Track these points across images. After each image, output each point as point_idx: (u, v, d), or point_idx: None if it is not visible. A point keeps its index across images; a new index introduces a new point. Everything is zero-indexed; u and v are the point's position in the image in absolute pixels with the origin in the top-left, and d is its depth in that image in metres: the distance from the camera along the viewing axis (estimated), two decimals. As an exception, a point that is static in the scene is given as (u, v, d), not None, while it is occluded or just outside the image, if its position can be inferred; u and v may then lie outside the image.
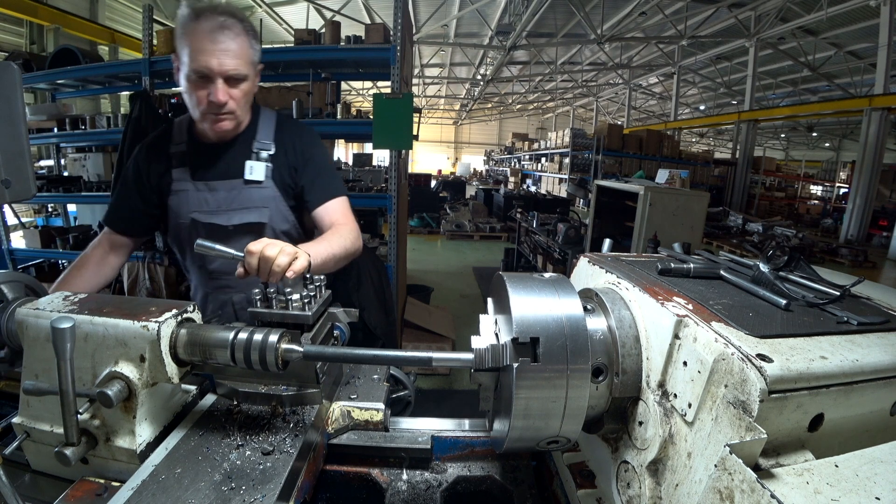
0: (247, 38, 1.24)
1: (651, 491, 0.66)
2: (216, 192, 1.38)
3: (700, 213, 3.97)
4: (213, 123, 1.29)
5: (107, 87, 5.05)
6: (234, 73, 1.22)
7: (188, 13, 1.19)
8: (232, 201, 1.38)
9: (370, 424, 1.01)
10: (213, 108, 1.24)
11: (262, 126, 1.42)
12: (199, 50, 1.17)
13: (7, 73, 0.82)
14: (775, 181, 20.13)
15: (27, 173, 0.86)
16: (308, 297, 0.90)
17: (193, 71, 1.19)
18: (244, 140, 1.40)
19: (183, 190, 1.38)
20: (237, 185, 1.38)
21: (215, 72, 1.19)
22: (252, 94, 1.34)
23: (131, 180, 1.42)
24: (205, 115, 1.27)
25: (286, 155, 1.42)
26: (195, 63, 1.18)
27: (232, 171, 1.38)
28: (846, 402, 0.56)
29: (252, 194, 1.39)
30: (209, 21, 1.17)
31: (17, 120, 0.84)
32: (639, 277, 0.80)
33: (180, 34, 1.20)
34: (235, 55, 1.20)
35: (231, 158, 1.39)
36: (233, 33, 1.20)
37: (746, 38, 12.73)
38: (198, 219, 1.37)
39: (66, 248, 4.24)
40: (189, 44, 1.17)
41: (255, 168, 1.37)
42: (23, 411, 0.83)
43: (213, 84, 1.20)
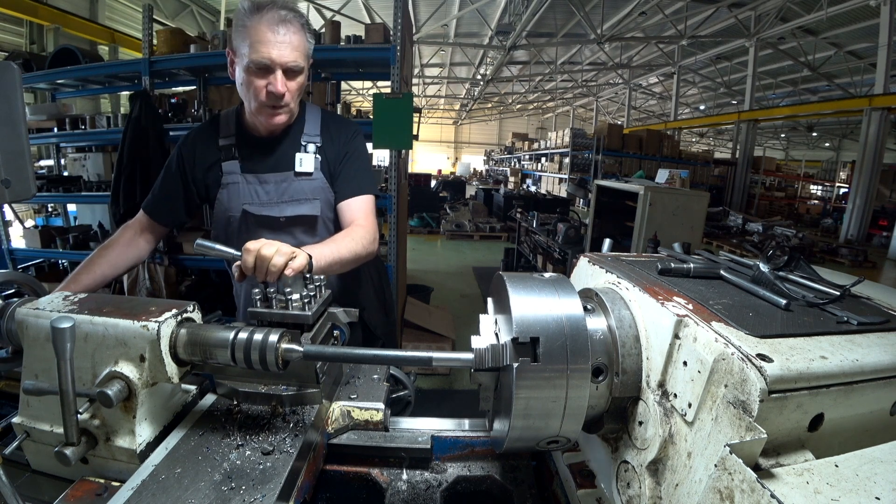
0: (304, 32, 1.27)
1: (651, 491, 0.66)
2: (267, 185, 1.40)
3: (700, 213, 3.97)
4: (269, 117, 1.31)
5: (107, 87, 5.04)
6: (292, 66, 1.24)
7: (249, 6, 1.21)
8: (283, 193, 1.40)
9: (370, 424, 1.01)
10: (271, 99, 1.26)
11: (308, 119, 1.45)
12: (261, 41, 1.19)
13: (7, 73, 0.82)
14: (775, 181, 20.13)
15: (27, 173, 0.86)
16: (308, 297, 0.90)
17: (254, 62, 1.21)
18: (293, 133, 1.42)
19: (233, 183, 1.40)
20: (288, 177, 1.40)
21: (276, 63, 1.21)
22: (304, 88, 1.36)
23: (175, 170, 1.44)
24: (262, 106, 1.28)
25: (332, 146, 1.44)
26: (257, 54, 1.20)
27: (282, 164, 1.40)
28: (846, 402, 0.56)
29: (303, 186, 1.41)
30: (271, 14, 1.20)
31: (17, 120, 0.84)
32: (639, 277, 0.80)
33: (240, 27, 1.22)
34: (295, 48, 1.23)
35: (281, 151, 1.41)
36: (293, 27, 1.23)
37: (746, 37, 12.72)
38: (249, 210, 1.39)
39: (66, 248, 4.24)
40: (250, 35, 1.20)
41: (304, 160, 1.40)
42: (23, 411, 0.83)
43: (273, 75, 1.23)
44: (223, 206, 1.42)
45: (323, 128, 1.45)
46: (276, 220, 1.40)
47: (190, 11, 12.20)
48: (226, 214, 1.42)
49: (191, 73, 4.26)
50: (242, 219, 1.40)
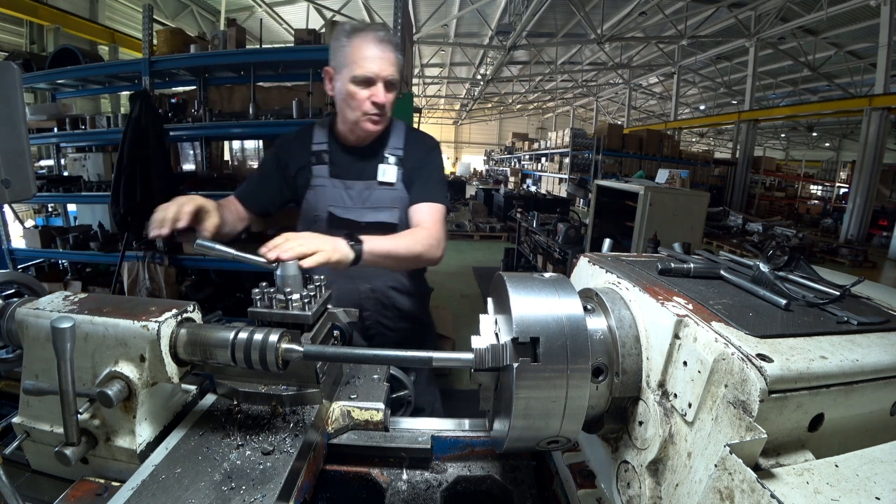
0: (396, 51, 1.41)
1: (651, 491, 0.66)
2: (351, 191, 1.51)
3: (700, 213, 3.97)
4: (371, 124, 1.43)
5: (107, 87, 5.04)
6: (391, 79, 1.39)
7: (349, 28, 1.38)
8: (365, 200, 1.51)
9: (370, 424, 1.01)
10: (373, 108, 1.39)
11: (394, 133, 1.56)
12: (365, 58, 1.34)
13: (7, 73, 0.82)
14: (775, 181, 20.12)
15: (27, 173, 0.86)
16: (308, 296, 0.90)
17: (358, 76, 1.36)
18: (378, 145, 1.54)
19: (321, 185, 1.52)
20: (372, 185, 1.52)
21: (379, 76, 1.36)
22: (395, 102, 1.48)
23: (272, 166, 1.57)
24: (364, 115, 1.41)
25: (411, 159, 1.55)
26: (361, 69, 1.35)
27: (366, 173, 1.52)
28: (846, 402, 0.56)
29: (385, 195, 1.52)
30: (371, 34, 1.36)
31: (17, 120, 0.84)
32: (639, 277, 0.80)
33: (341, 47, 1.37)
34: (392, 63, 1.39)
35: (366, 161, 1.53)
36: (391, 45, 1.38)
37: (746, 37, 12.72)
38: (334, 213, 1.51)
39: (66, 248, 4.24)
40: (353, 53, 1.35)
41: (387, 171, 1.52)
42: (23, 411, 0.83)
43: (375, 87, 1.37)
44: (310, 206, 1.54)
45: (406, 141, 1.56)
46: (358, 224, 1.50)
47: (190, 11, 12.20)
48: (312, 214, 1.54)
49: (191, 73, 4.26)
50: (327, 220, 1.51)
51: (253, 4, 11.58)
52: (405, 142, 1.56)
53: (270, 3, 11.77)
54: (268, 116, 3.87)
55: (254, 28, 5.67)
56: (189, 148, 5.01)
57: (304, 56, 3.74)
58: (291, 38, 4.24)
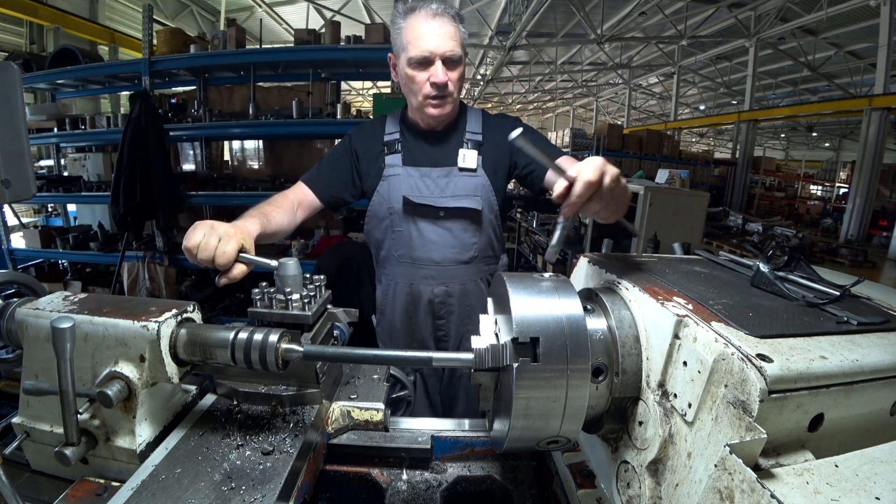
0: (457, 23, 1.31)
1: (651, 491, 0.66)
2: (428, 179, 1.42)
3: (700, 213, 3.97)
4: (434, 108, 1.34)
5: (107, 87, 5.05)
6: (450, 55, 1.28)
7: (402, 9, 1.30)
8: (444, 188, 1.42)
9: (370, 424, 1.01)
10: (434, 89, 1.30)
11: (471, 118, 1.48)
12: (418, 36, 1.26)
13: (7, 73, 0.82)
14: (775, 181, 20.11)
15: (27, 173, 0.86)
16: (308, 297, 0.90)
17: (414, 57, 1.27)
18: (454, 130, 1.46)
19: (394, 175, 1.43)
20: (452, 171, 1.43)
21: (435, 53, 1.26)
22: (464, 80, 1.39)
23: (342, 154, 1.49)
24: (426, 99, 1.32)
25: (493, 144, 1.46)
26: (416, 49, 1.26)
27: (444, 160, 1.43)
28: (846, 402, 0.56)
29: (466, 182, 1.43)
30: (424, 10, 1.27)
31: (17, 120, 0.84)
32: (639, 277, 0.80)
33: (396, 29, 1.30)
34: (451, 37, 1.27)
35: (444, 147, 1.45)
36: (446, 18, 1.28)
37: (746, 38, 12.71)
38: (410, 198, 1.41)
39: (66, 248, 4.24)
40: (406, 34, 1.28)
41: (467, 156, 1.42)
42: (23, 411, 0.83)
43: (433, 66, 1.28)
44: (382, 198, 1.45)
45: (485, 126, 1.47)
46: (436, 211, 1.42)
47: (190, 11, 12.19)
48: (385, 206, 1.45)
49: (191, 73, 4.26)
50: (402, 208, 1.42)
51: (253, 4, 11.57)
52: (484, 126, 1.47)
53: (270, 3, 11.77)
54: (268, 116, 3.87)
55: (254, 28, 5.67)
56: (189, 148, 5.02)
57: (304, 56, 3.74)
58: (291, 38, 4.24)
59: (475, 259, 1.49)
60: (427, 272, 1.47)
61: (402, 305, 1.52)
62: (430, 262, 1.46)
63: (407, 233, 1.45)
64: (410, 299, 1.51)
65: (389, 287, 1.55)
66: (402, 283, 1.51)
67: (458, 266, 1.48)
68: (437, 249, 1.44)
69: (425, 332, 1.55)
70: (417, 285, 1.49)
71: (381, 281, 1.59)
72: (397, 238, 1.47)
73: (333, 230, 4.47)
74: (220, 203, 4.46)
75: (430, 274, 1.47)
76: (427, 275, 1.48)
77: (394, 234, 1.46)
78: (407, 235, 1.45)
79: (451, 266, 1.47)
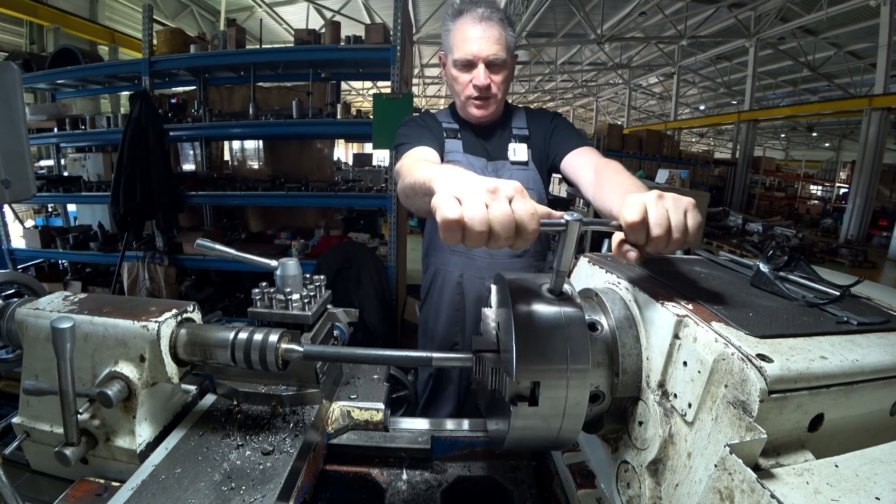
0: (504, 27, 1.33)
1: (651, 491, 0.66)
2: (484, 169, 1.44)
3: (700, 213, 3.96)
4: (477, 108, 1.38)
5: (107, 87, 5.04)
6: (493, 59, 1.31)
7: (452, 11, 1.35)
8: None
9: (370, 424, 1.01)
10: (476, 91, 1.34)
11: (515, 116, 1.53)
12: (464, 39, 1.30)
13: (7, 73, 0.82)
14: (775, 181, 20.10)
15: (27, 173, 0.86)
16: (308, 297, 0.90)
17: (458, 59, 1.32)
18: (503, 126, 1.51)
19: (455, 160, 1.44)
20: (505, 165, 1.47)
21: (479, 57, 1.31)
22: (510, 81, 1.43)
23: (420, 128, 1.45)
24: (469, 99, 1.37)
25: (539, 136, 1.50)
26: (460, 52, 1.31)
27: (496, 153, 1.48)
28: (846, 402, 0.56)
29: (519, 175, 1.46)
30: (471, 13, 1.31)
31: (17, 120, 0.84)
32: (639, 277, 0.80)
33: (445, 31, 1.35)
34: (496, 41, 1.31)
35: (495, 141, 1.49)
36: (492, 22, 1.31)
37: (746, 38, 12.71)
38: None
39: (66, 248, 4.24)
40: (454, 36, 1.32)
41: (518, 150, 1.47)
42: (23, 411, 0.83)
43: (476, 69, 1.32)
44: None
45: (529, 121, 1.52)
46: None
47: (190, 11, 12.19)
48: None
49: (191, 74, 4.26)
50: None
51: (253, 4, 11.57)
52: (528, 121, 1.52)
53: (270, 3, 11.77)
54: (268, 116, 3.87)
55: (254, 28, 5.67)
56: (189, 148, 5.01)
57: (304, 56, 3.74)
58: (291, 38, 4.23)
59: (527, 253, 1.52)
60: (480, 263, 1.49)
61: (450, 296, 1.53)
62: (486, 253, 1.48)
63: None
64: (460, 290, 1.52)
65: (438, 276, 1.55)
66: (453, 273, 1.52)
67: (512, 259, 1.51)
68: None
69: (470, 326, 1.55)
70: (470, 278, 1.51)
71: (429, 269, 1.60)
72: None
73: (333, 230, 4.47)
74: (220, 203, 4.46)
75: (483, 265, 1.49)
76: (480, 265, 1.49)
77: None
78: None
79: (504, 259, 1.49)
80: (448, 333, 1.57)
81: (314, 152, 5.02)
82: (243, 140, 5.07)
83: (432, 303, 1.58)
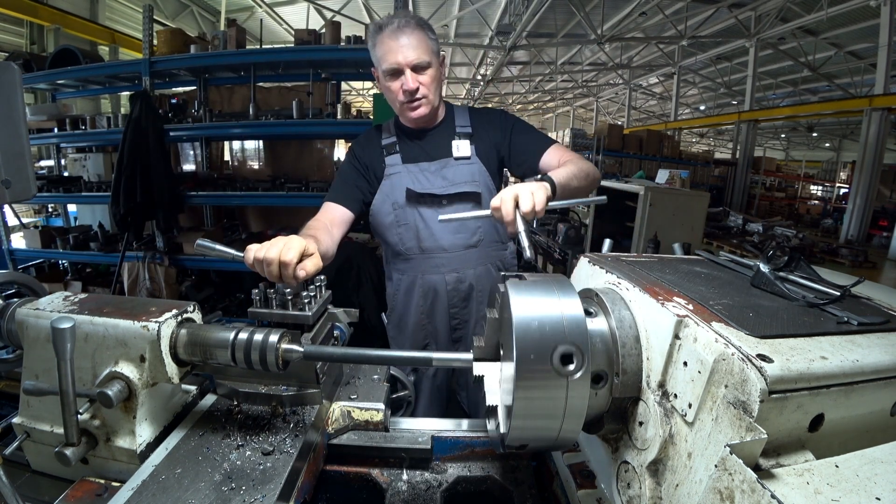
0: (422, 31, 1.41)
1: (651, 491, 0.66)
2: (427, 171, 1.52)
3: (700, 213, 3.97)
4: (411, 111, 1.44)
5: (107, 88, 5.05)
6: (417, 62, 1.39)
7: (374, 28, 1.43)
8: (444, 178, 1.51)
9: (370, 424, 1.01)
10: (407, 95, 1.41)
11: (458, 115, 1.59)
12: (386, 51, 1.38)
13: (7, 73, 0.82)
14: (775, 181, 20.10)
15: (27, 173, 0.86)
16: (308, 297, 0.90)
17: (385, 70, 1.40)
18: (445, 126, 1.57)
19: (396, 173, 1.53)
20: (448, 162, 1.53)
21: (402, 64, 1.38)
22: (440, 80, 1.50)
23: (350, 167, 1.57)
24: (403, 105, 1.44)
25: (484, 134, 1.56)
26: (386, 63, 1.39)
27: (440, 153, 1.54)
28: (846, 403, 0.56)
29: (463, 170, 1.53)
30: (389, 27, 1.39)
31: (17, 120, 0.84)
32: (639, 277, 0.80)
33: (372, 46, 1.42)
34: (415, 47, 1.38)
35: (437, 142, 1.55)
36: (409, 30, 1.39)
37: (746, 38, 12.71)
38: (412, 188, 1.49)
39: (66, 249, 4.24)
40: (378, 50, 1.40)
41: (460, 146, 1.53)
42: (23, 411, 0.83)
43: (403, 76, 1.39)
44: (385, 195, 1.53)
45: (472, 120, 1.58)
46: (438, 200, 1.50)
47: (190, 12, 12.19)
48: (389, 202, 1.53)
49: (191, 74, 4.26)
50: (405, 199, 1.50)
51: (253, 4, 11.57)
52: (472, 120, 1.58)
53: (270, 4, 11.77)
54: (268, 116, 3.87)
55: (254, 28, 5.68)
56: (189, 148, 5.01)
57: (304, 56, 3.74)
58: (291, 38, 4.24)
59: (481, 242, 1.56)
60: (437, 261, 1.54)
61: (415, 299, 1.57)
62: (440, 249, 1.53)
63: (413, 225, 1.52)
64: (422, 291, 1.56)
65: (401, 283, 1.59)
66: (413, 276, 1.56)
67: (467, 251, 1.55)
68: (444, 236, 1.52)
69: (440, 324, 1.59)
70: (429, 276, 1.55)
71: (392, 278, 1.64)
72: (404, 232, 1.53)
73: (333, 230, 4.46)
74: (221, 203, 4.46)
75: (441, 262, 1.54)
76: (438, 263, 1.54)
77: (400, 229, 1.53)
78: (413, 227, 1.52)
79: (459, 251, 1.54)
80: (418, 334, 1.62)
81: (314, 152, 5.02)
82: (243, 140, 5.07)
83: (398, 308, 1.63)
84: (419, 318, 1.60)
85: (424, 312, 1.58)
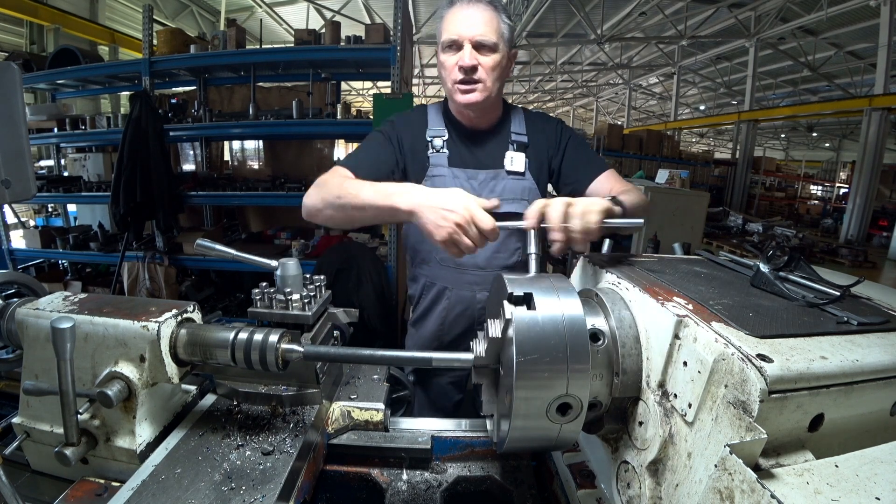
0: (495, 12, 1.28)
1: (651, 491, 0.66)
2: (474, 181, 1.37)
3: (700, 213, 3.97)
4: (463, 93, 1.29)
5: (107, 88, 5.05)
6: (481, 39, 1.24)
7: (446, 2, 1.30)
8: (492, 191, 1.38)
9: (370, 424, 1.01)
10: (462, 73, 1.26)
11: (514, 118, 1.44)
12: (451, 21, 1.26)
13: (7, 73, 0.82)
14: (775, 181, 20.11)
15: (27, 173, 0.86)
16: (308, 297, 0.90)
17: (445, 41, 1.27)
18: (500, 131, 1.42)
19: (440, 176, 1.37)
20: (499, 174, 1.39)
21: (464, 37, 1.24)
22: (504, 71, 1.34)
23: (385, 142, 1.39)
24: (455, 85, 1.29)
25: (539, 146, 1.42)
26: (446, 33, 1.26)
27: (491, 161, 1.39)
28: (846, 403, 0.56)
29: (514, 185, 1.39)
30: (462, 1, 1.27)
31: (17, 120, 0.84)
32: (639, 277, 0.80)
33: (439, 19, 1.30)
34: (484, 23, 1.25)
35: (490, 148, 1.40)
36: (481, 6, 1.26)
37: (746, 38, 12.72)
38: None
39: (66, 249, 4.24)
40: (444, 23, 1.28)
41: (515, 159, 1.39)
42: (23, 411, 0.83)
43: (462, 50, 1.25)
44: None
45: (528, 126, 1.44)
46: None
47: (190, 12, 12.19)
48: None
49: (191, 74, 4.26)
50: None
51: (253, 4, 11.58)
52: (528, 127, 1.44)
53: (270, 4, 11.77)
54: (268, 116, 3.87)
55: (254, 28, 5.67)
56: (189, 148, 5.02)
57: (304, 56, 3.74)
58: (291, 38, 4.24)
59: (519, 263, 1.45)
60: (471, 277, 1.43)
61: (439, 310, 1.48)
62: (475, 266, 1.42)
63: None
64: (448, 304, 1.46)
65: (427, 289, 1.50)
66: (442, 288, 1.47)
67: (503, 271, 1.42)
68: (482, 253, 1.36)
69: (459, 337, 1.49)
70: (460, 291, 1.45)
71: (418, 280, 1.54)
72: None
73: (333, 230, 4.47)
74: (220, 203, 4.46)
75: (474, 280, 1.43)
76: (470, 280, 1.43)
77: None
78: None
79: (494, 270, 1.42)
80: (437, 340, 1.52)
81: (314, 152, 5.02)
82: (243, 140, 5.07)
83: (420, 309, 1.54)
84: (438, 327, 1.51)
85: (446, 324, 1.49)
